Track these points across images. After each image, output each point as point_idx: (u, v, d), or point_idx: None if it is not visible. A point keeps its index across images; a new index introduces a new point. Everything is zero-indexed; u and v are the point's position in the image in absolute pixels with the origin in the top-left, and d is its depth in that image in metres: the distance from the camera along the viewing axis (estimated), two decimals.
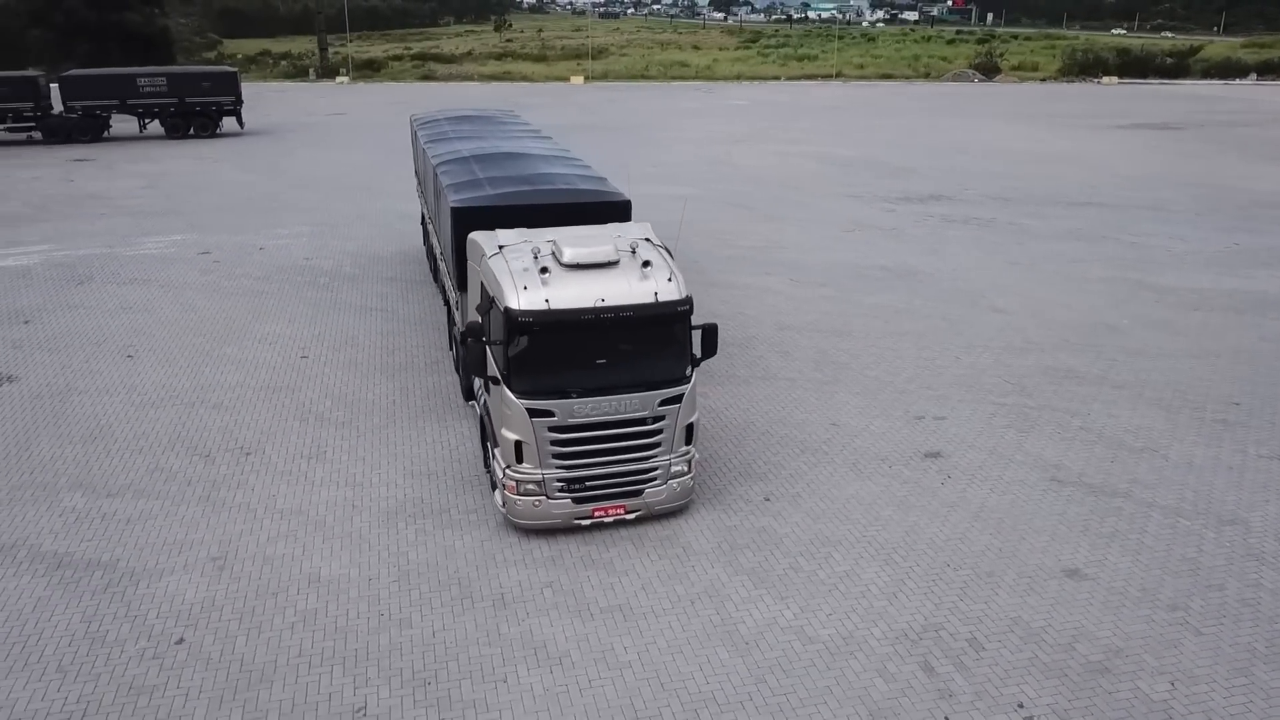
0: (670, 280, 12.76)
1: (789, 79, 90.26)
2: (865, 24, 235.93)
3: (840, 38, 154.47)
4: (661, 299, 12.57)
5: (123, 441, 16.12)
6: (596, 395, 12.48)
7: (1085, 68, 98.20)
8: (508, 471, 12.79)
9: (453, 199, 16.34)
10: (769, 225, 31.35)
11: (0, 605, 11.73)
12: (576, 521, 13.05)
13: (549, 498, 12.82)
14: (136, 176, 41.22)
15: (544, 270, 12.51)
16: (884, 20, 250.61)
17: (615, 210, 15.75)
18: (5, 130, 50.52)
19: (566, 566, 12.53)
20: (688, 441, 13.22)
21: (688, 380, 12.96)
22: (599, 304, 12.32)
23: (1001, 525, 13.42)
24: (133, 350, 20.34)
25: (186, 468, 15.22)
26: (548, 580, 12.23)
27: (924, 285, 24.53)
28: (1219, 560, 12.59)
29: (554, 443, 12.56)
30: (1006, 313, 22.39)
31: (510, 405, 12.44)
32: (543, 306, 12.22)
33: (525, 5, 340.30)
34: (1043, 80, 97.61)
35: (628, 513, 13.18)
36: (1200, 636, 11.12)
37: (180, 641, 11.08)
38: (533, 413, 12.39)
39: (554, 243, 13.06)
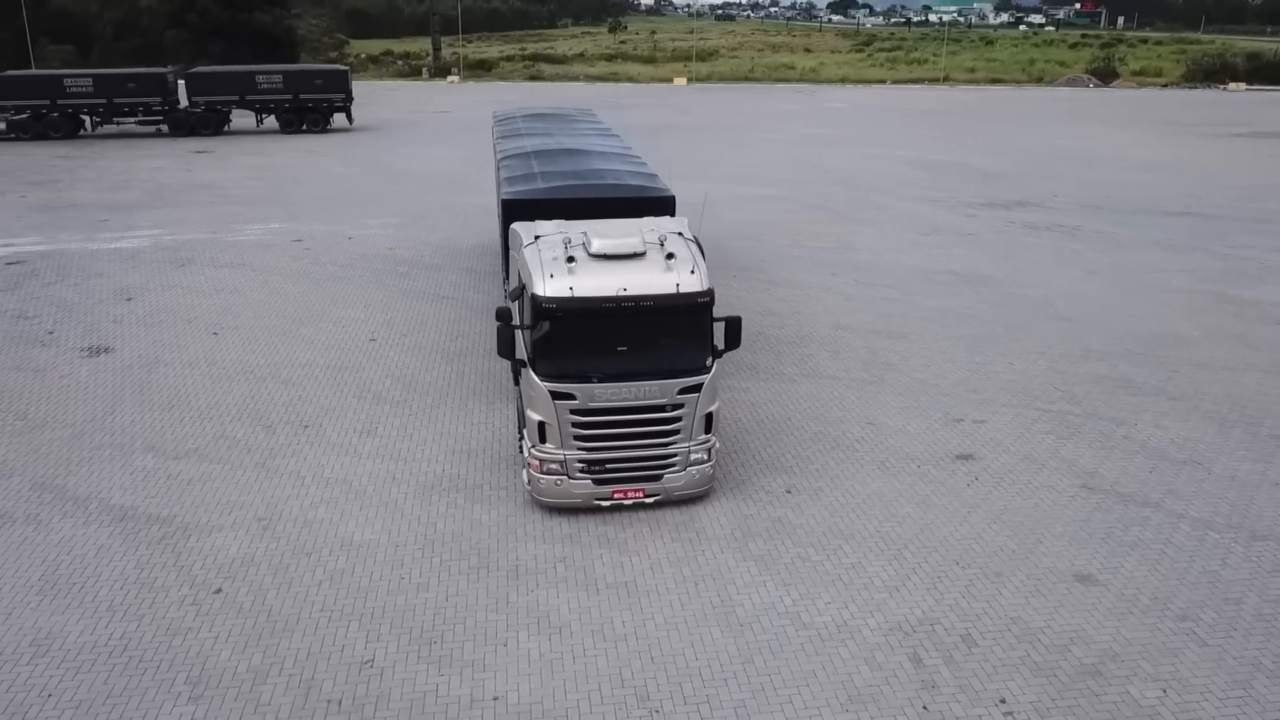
0: (693, 272, 13.16)
1: (894, 83, 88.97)
2: (973, 23, 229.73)
3: (957, 41, 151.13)
4: (682, 290, 12.99)
5: (196, 410, 17.36)
6: (617, 381, 12.97)
7: (1210, 73, 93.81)
8: (532, 451, 13.39)
9: (504, 191, 17.08)
10: (845, 227, 31.30)
11: (67, 550, 12.90)
12: (597, 502, 13.56)
13: (570, 478, 13.37)
14: (247, 168, 43.54)
15: (570, 259, 13.08)
16: (1008, 23, 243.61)
17: (658, 205, 16.20)
18: (136, 123, 53.93)
19: (582, 543, 13.06)
20: (707, 430, 13.58)
21: (707, 370, 13.33)
22: (621, 293, 12.81)
23: (1020, 528, 13.37)
24: (218, 328, 21.75)
25: (249, 436, 16.32)
26: (562, 555, 12.78)
27: (991, 291, 24.22)
28: (1242, 574, 12.31)
29: (575, 425, 13.10)
30: (1071, 320, 21.97)
31: (534, 387, 13.04)
32: (566, 293, 12.78)
33: (642, 8, 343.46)
34: (1164, 86, 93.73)
35: (646, 496, 13.63)
36: (1205, 647, 10.95)
37: (218, 591, 12.02)
38: (555, 395, 12.96)
39: (586, 234, 13.61)
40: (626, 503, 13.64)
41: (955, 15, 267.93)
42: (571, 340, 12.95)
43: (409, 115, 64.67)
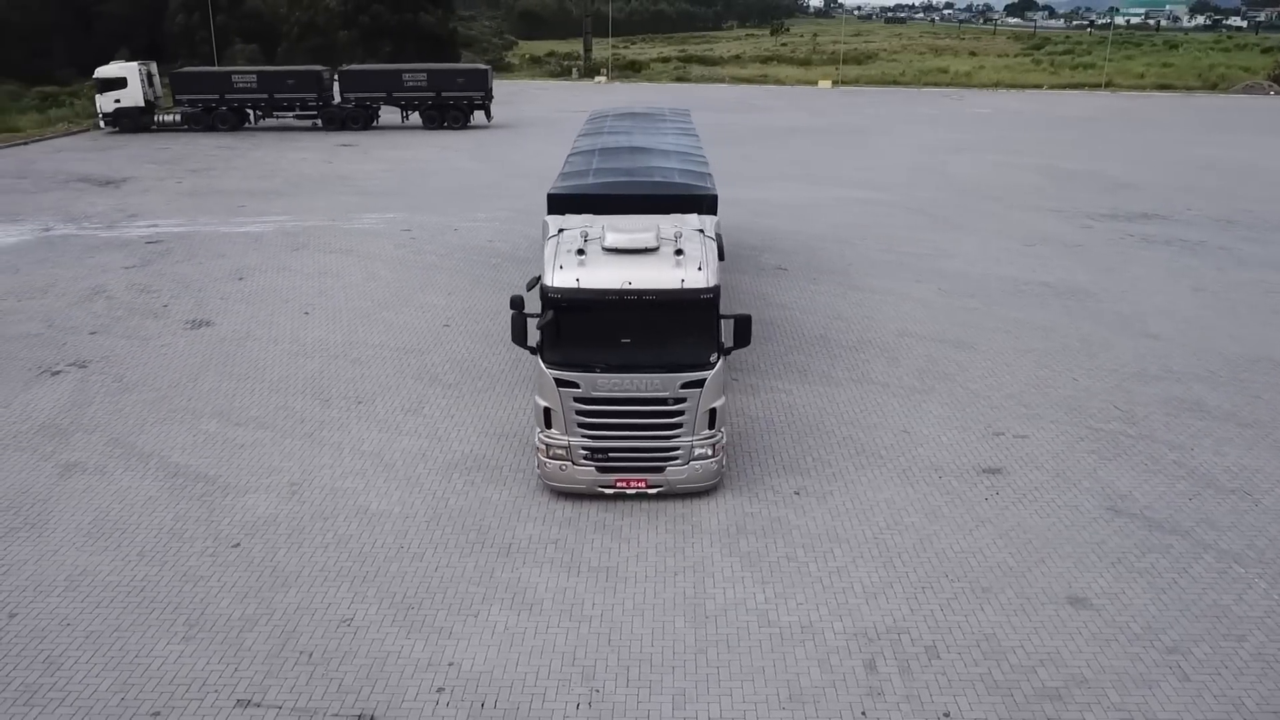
0: (700, 269, 13.34)
1: (1051, 88, 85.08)
2: (1161, 26, 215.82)
3: (1137, 45, 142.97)
4: (687, 286, 13.19)
5: (268, 382, 18.69)
6: (619, 372, 13.30)
7: None
8: (540, 435, 13.88)
9: (552, 186, 17.61)
10: (946, 234, 30.46)
11: (120, 499, 14.25)
12: (600, 489, 13.93)
13: (574, 464, 13.79)
14: (383, 161, 45.90)
15: (581, 252, 13.50)
16: (1203, 26, 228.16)
17: (696, 203, 16.36)
18: (294, 117, 57.62)
19: (578, 528, 13.46)
20: (711, 426, 13.72)
21: (711, 366, 13.47)
22: (625, 286, 13.13)
23: (1027, 546, 12.94)
24: (311, 308, 23.24)
25: (306, 409, 17.48)
26: (556, 537, 13.22)
27: (1081, 304, 23.16)
28: (1256, 612, 11.56)
29: (579, 412, 13.51)
30: (1158, 338, 20.80)
31: (541, 374, 13.53)
32: (573, 285, 13.20)
33: (811, 10, 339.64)
34: None
35: (649, 487, 13.90)
36: (1186, 682, 10.40)
37: (236, 546, 13.05)
38: (560, 383, 13.41)
39: (604, 229, 13.99)
40: (629, 492, 13.94)
41: (1143, 18, 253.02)
42: (576, 330, 13.38)
43: (549, 114, 66.38)
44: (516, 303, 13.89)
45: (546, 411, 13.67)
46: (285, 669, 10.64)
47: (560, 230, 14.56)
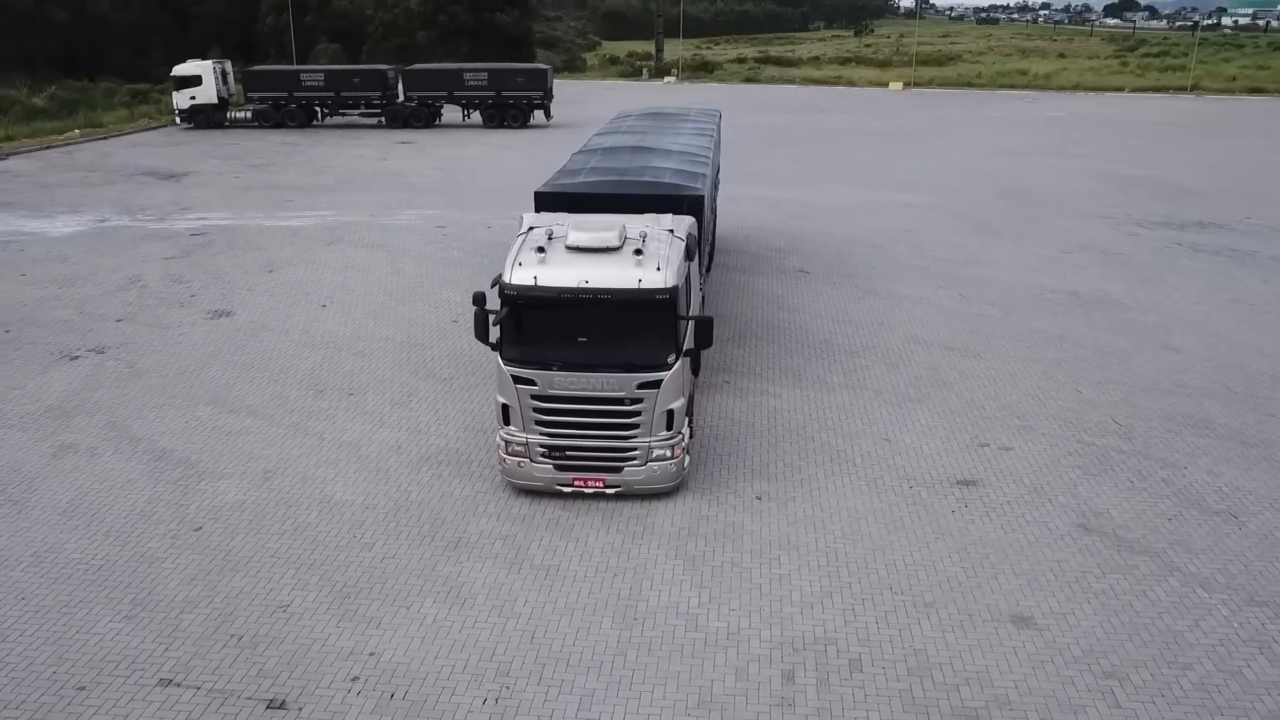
0: (658, 270, 13.25)
1: (1134, 91, 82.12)
2: (1270, 26, 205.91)
3: (1239, 47, 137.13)
4: (643, 286, 13.11)
5: (270, 372, 19.16)
6: (575, 370, 13.29)
7: None
8: (500, 432, 13.96)
9: (541, 184, 17.69)
10: (983, 239, 29.67)
11: (101, 480, 14.78)
12: (558, 487, 13.94)
13: (532, 461, 13.83)
14: (436, 159, 46.66)
15: (541, 250, 13.53)
16: None
17: (676, 203, 16.26)
18: (359, 115, 58.98)
19: (531, 525, 13.50)
20: (669, 427, 13.61)
21: (668, 367, 13.36)
22: (582, 285, 13.12)
23: (983, 562, 12.54)
24: (328, 301, 23.76)
25: (299, 399, 17.88)
26: (506, 534, 13.28)
27: (1105, 314, 22.34)
28: (1210, 639, 11.01)
29: (536, 410, 13.55)
30: (1179, 352, 19.94)
31: (500, 370, 13.61)
32: (530, 283, 13.25)
33: (901, 11, 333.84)
34: None
35: (607, 487, 13.86)
36: (1115, 709, 9.96)
37: (199, 529, 13.42)
38: (516, 379, 13.47)
39: (568, 227, 14.01)
40: (587, 491, 13.92)
41: (1251, 18, 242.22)
42: (533, 328, 13.42)
43: (610, 114, 66.48)
44: (478, 299, 13.98)
45: (505, 408, 13.74)
46: (213, 651, 10.91)
47: (530, 228, 14.62)
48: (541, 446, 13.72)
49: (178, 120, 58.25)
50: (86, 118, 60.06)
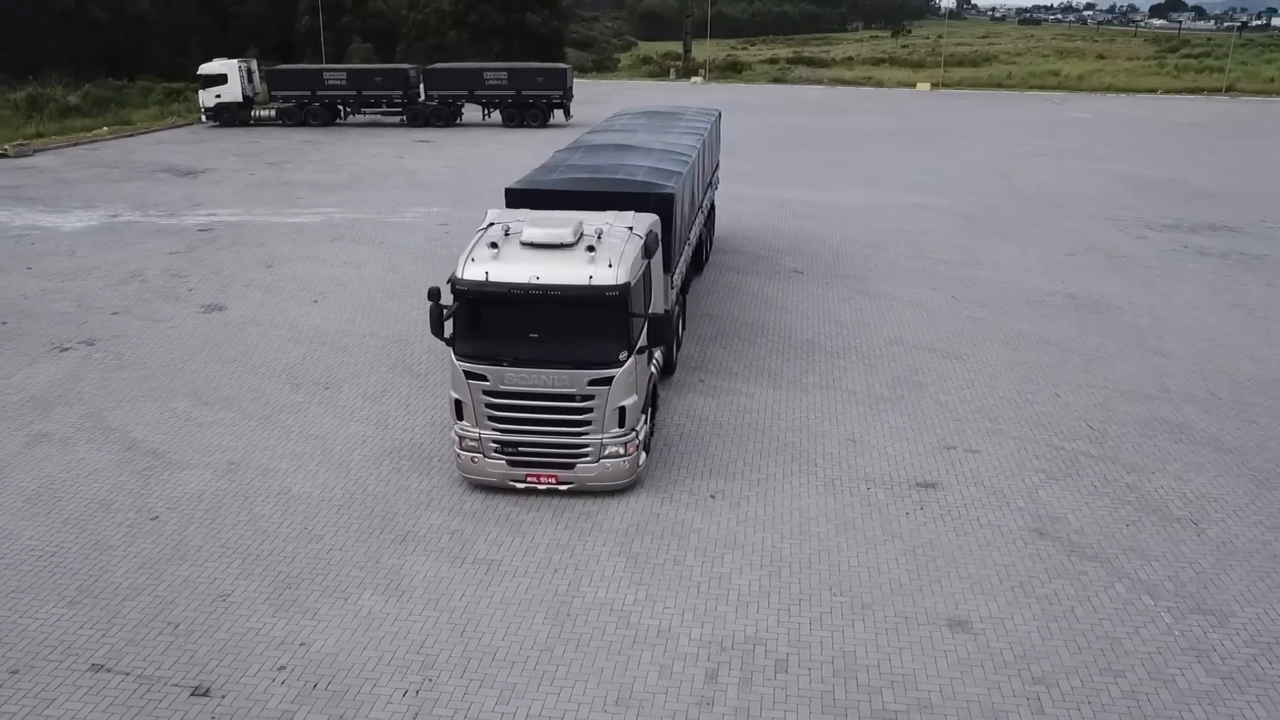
0: (610, 266, 13.24)
1: (1167, 92, 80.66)
2: None
3: (1275, 48, 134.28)
4: (594, 283, 13.10)
5: (250, 366, 19.38)
6: (526, 366, 13.32)
7: None
8: (455, 427, 14.02)
9: (513, 181, 17.75)
10: (986, 241, 29.31)
11: (69, 469, 15.04)
12: (512, 483, 13.96)
13: (486, 456, 13.87)
14: (451, 157, 46.93)
15: (494, 245, 13.58)
16: None
17: (645, 201, 16.24)
18: (380, 113, 59.54)
19: (482, 520, 13.54)
20: (620, 424, 13.59)
21: (619, 364, 13.34)
22: (532, 281, 13.14)
23: (928, 565, 12.39)
24: (321, 297, 23.99)
25: (275, 392, 18.07)
26: (455, 528, 13.33)
27: (1098, 318, 21.97)
28: (1148, 647, 10.79)
29: (488, 405, 13.60)
30: (1168, 356, 19.57)
31: (453, 366, 13.67)
32: (480, 278, 13.29)
33: (943, 12, 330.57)
34: None
35: (560, 484, 13.86)
36: (1039, 715, 9.80)
37: (155, 518, 13.61)
38: (469, 375, 13.53)
39: (524, 223, 14.04)
40: (540, 487, 13.94)
41: None
42: (485, 323, 13.48)
43: None
44: (433, 294, 14.05)
45: (458, 403, 13.81)
46: (149, 638, 11.05)
47: (491, 224, 14.68)
48: (494, 442, 13.76)
49: (204, 118, 59.12)
50: (117, 115, 61.15)
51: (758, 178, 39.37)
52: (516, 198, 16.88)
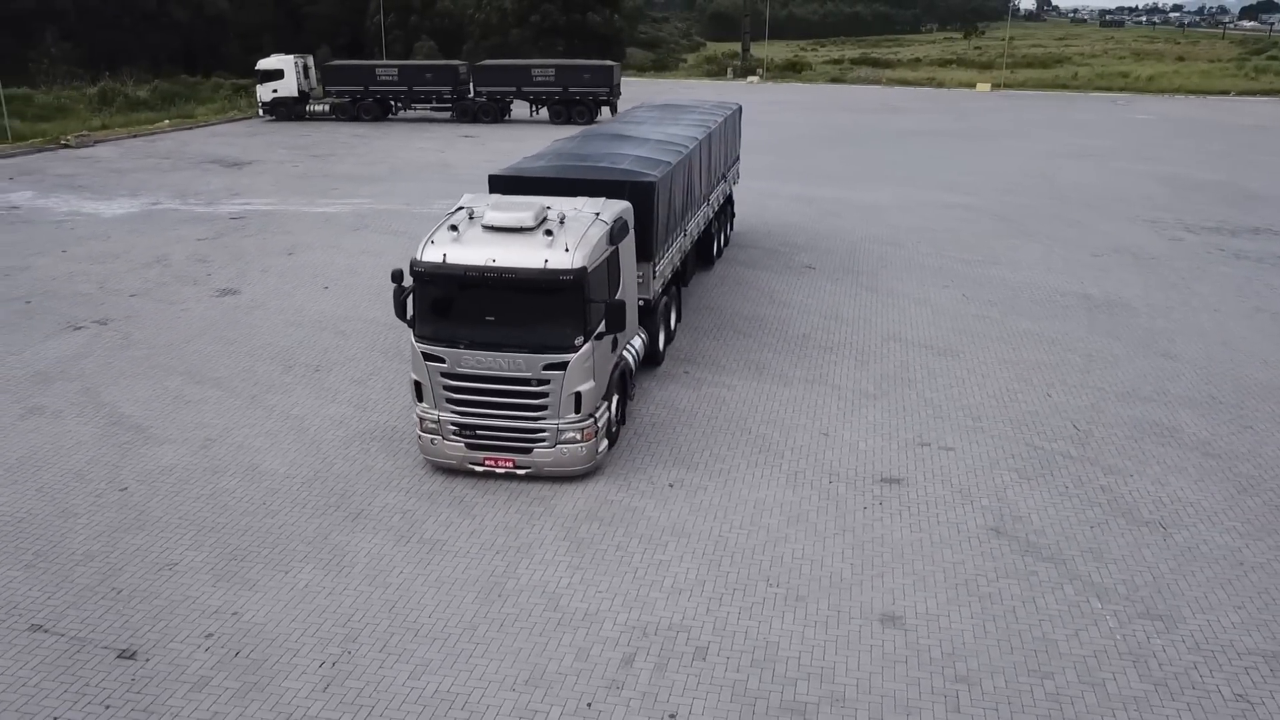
0: (567, 251, 13.23)
1: (1240, 94, 77.81)
2: None
3: None
4: (549, 267, 13.11)
5: (248, 347, 19.80)
6: (482, 349, 13.38)
7: None
8: (415, 409, 14.15)
9: (498, 168, 17.85)
10: (1012, 241, 28.63)
11: (55, 442, 15.52)
12: (470, 466, 14.04)
13: (445, 439, 13.97)
14: (493, 152, 47.27)
15: (454, 228, 13.67)
16: None
17: (620, 189, 16.19)
18: (430, 109, 60.38)
19: (437, 501, 13.64)
20: (577, 410, 13.57)
21: (574, 349, 13.32)
22: (489, 264, 13.19)
23: (874, 560, 12.14)
24: (333, 283, 24.39)
25: (266, 372, 18.43)
26: (408, 509, 13.45)
27: (1112, 320, 21.30)
28: (1085, 650, 10.42)
29: (446, 388, 13.69)
30: (1175, 359, 18.89)
31: (413, 347, 13.79)
32: (438, 260, 13.40)
33: (1022, 13, 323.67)
34: None
35: (517, 468, 13.90)
36: (954, 714, 9.54)
37: (124, 490, 13.98)
38: (426, 356, 13.64)
39: (487, 207, 14.12)
40: (498, 471, 13.99)
41: None
42: (443, 306, 13.57)
43: None
44: (396, 276, 14.19)
45: (417, 385, 13.92)
46: (91, 602, 11.35)
47: (459, 208, 14.79)
48: (453, 425, 13.85)
49: (260, 112, 60.56)
50: (181, 110, 62.97)
51: (791, 174, 39.02)
52: (499, 184, 17.01)
